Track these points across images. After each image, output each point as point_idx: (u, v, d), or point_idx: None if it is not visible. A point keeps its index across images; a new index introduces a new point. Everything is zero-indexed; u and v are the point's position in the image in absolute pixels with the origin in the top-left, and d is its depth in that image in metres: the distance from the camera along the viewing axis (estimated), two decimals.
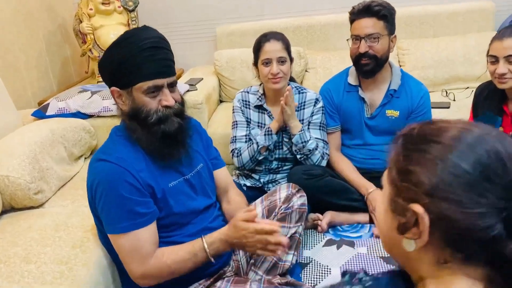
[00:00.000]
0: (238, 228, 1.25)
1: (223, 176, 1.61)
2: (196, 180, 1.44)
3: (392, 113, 2.06)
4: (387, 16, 1.93)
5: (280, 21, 3.05)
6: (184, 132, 1.35)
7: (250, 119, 2.11)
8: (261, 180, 2.13)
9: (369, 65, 1.96)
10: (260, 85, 2.13)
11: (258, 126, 2.10)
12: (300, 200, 1.69)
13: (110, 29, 2.81)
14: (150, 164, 1.31)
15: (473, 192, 0.58)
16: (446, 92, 2.67)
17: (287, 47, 1.99)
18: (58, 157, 1.91)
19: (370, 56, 1.92)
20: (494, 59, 1.77)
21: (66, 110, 2.29)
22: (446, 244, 0.61)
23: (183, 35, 3.29)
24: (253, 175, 2.15)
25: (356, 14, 1.96)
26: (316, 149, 2.01)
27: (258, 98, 2.09)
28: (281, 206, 1.63)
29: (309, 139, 1.99)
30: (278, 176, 2.14)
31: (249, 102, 2.11)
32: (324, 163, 2.05)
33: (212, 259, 1.29)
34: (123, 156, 1.26)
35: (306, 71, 2.90)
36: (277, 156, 2.10)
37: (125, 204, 1.23)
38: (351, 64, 2.18)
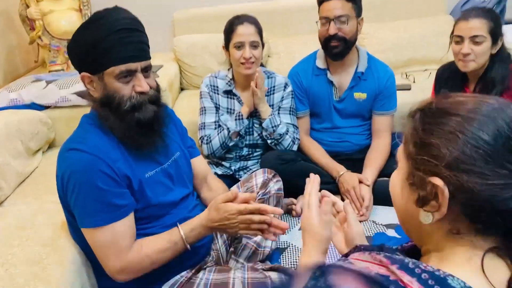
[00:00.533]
0: (219, 210, 1.21)
1: (201, 164, 1.57)
2: (173, 169, 1.38)
3: (360, 95, 2.08)
4: None
5: (242, 6, 3.00)
6: (160, 121, 1.28)
7: (219, 104, 2.05)
8: (232, 168, 2.09)
9: (338, 48, 1.96)
10: (228, 69, 2.08)
11: (228, 111, 2.05)
12: (276, 185, 1.69)
13: (61, 14, 2.64)
14: (125, 154, 1.23)
15: (494, 163, 0.58)
16: (406, 75, 2.74)
17: (260, 32, 1.95)
18: (15, 152, 1.78)
19: (339, 38, 1.92)
20: (459, 39, 1.82)
21: (19, 101, 2.13)
22: (464, 216, 0.61)
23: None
24: (224, 163, 2.11)
25: None
26: (287, 133, 2.00)
27: (227, 83, 2.04)
28: (258, 192, 1.61)
29: (279, 124, 1.98)
30: (249, 163, 2.11)
31: (217, 87, 2.05)
32: (295, 148, 2.05)
33: (189, 247, 1.25)
34: (97, 145, 1.18)
35: (268, 56, 2.87)
36: (247, 142, 2.07)
37: (101, 196, 1.15)
38: (314, 48, 2.19)
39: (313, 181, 1.03)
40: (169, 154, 1.38)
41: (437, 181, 0.61)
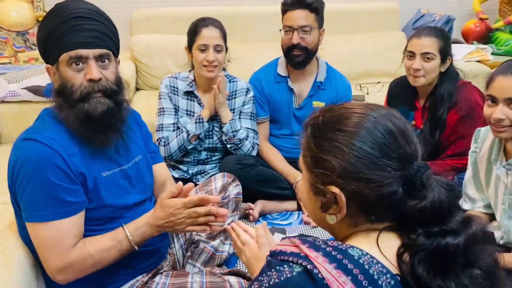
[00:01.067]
0: (164, 207, 1.18)
1: (162, 170, 1.52)
2: (133, 172, 1.33)
3: (318, 104, 2.13)
4: (318, 9, 1.99)
5: (201, 9, 2.97)
6: (116, 117, 1.21)
7: (178, 106, 2.02)
8: (190, 172, 2.07)
9: (300, 57, 2.00)
10: (190, 71, 2.06)
11: (187, 114, 2.02)
12: (236, 189, 1.68)
13: (11, 5, 2.51)
14: (84, 150, 1.18)
15: (376, 169, 0.70)
16: (360, 86, 2.84)
17: (224, 36, 1.96)
18: None
19: (302, 48, 1.96)
20: (411, 55, 1.91)
21: None
22: (360, 212, 0.73)
23: None
24: (181, 166, 2.08)
25: (289, 5, 1.99)
26: (247, 139, 2.01)
27: (188, 84, 2.02)
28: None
29: (240, 129, 1.98)
30: (207, 167, 2.09)
31: (177, 88, 2.03)
32: (254, 153, 2.06)
33: (136, 247, 1.20)
34: (54, 137, 1.13)
35: (228, 61, 2.87)
36: (206, 145, 2.05)
37: (51, 190, 1.10)
38: (274, 55, 2.22)
39: (235, 229, 1.11)
40: (130, 156, 1.33)
41: (334, 189, 0.71)
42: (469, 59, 2.75)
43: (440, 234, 0.67)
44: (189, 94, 2.02)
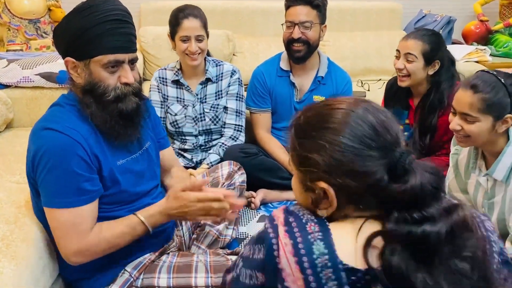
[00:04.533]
0: (178, 199, 1.22)
1: (168, 155, 1.59)
2: (144, 159, 1.40)
3: (319, 98, 2.20)
4: (320, 5, 2.05)
5: (208, 2, 3.04)
6: (141, 113, 1.30)
7: (167, 95, 2.10)
8: (194, 160, 2.15)
9: (301, 52, 2.06)
10: (177, 61, 2.13)
11: (177, 101, 2.11)
12: (241, 177, 1.76)
13: None
14: (100, 140, 1.24)
15: (359, 160, 0.72)
16: (362, 83, 2.90)
17: (205, 25, 1.99)
18: None
19: (303, 41, 2.02)
20: (397, 54, 1.98)
21: None
22: (349, 203, 0.75)
23: None
24: (185, 154, 2.16)
25: (292, 1, 2.05)
26: (220, 146, 2.10)
27: (175, 73, 2.09)
28: (224, 183, 1.67)
29: (212, 160, 2.06)
30: (211, 152, 2.16)
31: (166, 78, 2.11)
32: (241, 139, 2.17)
33: (151, 230, 1.27)
34: (74, 127, 1.18)
35: (234, 54, 2.94)
36: (201, 128, 2.13)
37: (73, 179, 1.15)
38: (277, 50, 2.28)
39: None
40: (141, 143, 1.39)
41: (323, 184, 0.74)
42: (468, 59, 2.81)
43: (417, 221, 0.67)
44: (177, 82, 2.10)
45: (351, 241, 0.72)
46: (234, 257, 1.40)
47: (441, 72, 1.96)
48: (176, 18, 1.96)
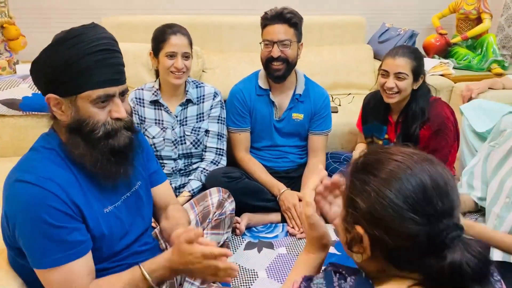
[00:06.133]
0: (183, 253, 1.07)
1: (163, 192, 1.44)
2: (132, 201, 1.27)
3: (297, 116, 2.18)
4: (297, 23, 2.04)
5: (173, 17, 2.88)
6: (134, 148, 1.17)
7: (145, 117, 2.00)
8: (173, 185, 2.04)
9: (281, 70, 2.03)
10: (155, 80, 2.04)
11: (156, 123, 2.01)
12: (231, 205, 1.69)
13: None
14: (83, 185, 1.11)
15: (399, 220, 0.70)
16: (332, 97, 2.91)
17: (191, 43, 1.95)
18: None
19: (283, 60, 2.00)
20: (385, 73, 2.00)
21: None
22: (384, 259, 0.75)
23: (61, 23, 2.92)
24: None
25: (269, 20, 2.02)
26: (202, 172, 2.03)
27: (153, 93, 1.99)
28: (215, 212, 1.60)
29: (195, 187, 1.98)
30: (191, 178, 2.07)
31: (143, 99, 2.01)
32: (223, 162, 2.10)
33: (155, 287, 1.13)
34: (50, 175, 1.04)
35: (203, 71, 2.86)
36: (180, 152, 2.04)
37: (54, 234, 1.02)
38: (248, 66, 2.24)
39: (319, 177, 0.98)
40: (131, 184, 1.27)
41: (359, 229, 0.75)
42: (433, 73, 2.90)
43: None
44: (155, 103, 2.00)
45: None
46: None
47: (423, 86, 2.02)
48: (163, 34, 1.88)
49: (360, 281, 0.76)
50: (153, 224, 1.53)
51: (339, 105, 2.83)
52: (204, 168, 2.02)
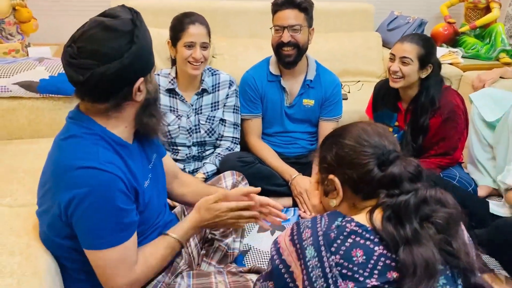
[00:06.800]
0: (210, 210, 1.27)
1: (170, 162, 1.52)
2: (154, 173, 1.32)
3: (308, 102, 2.20)
4: (307, 9, 2.04)
5: (183, 2, 2.93)
6: None
7: (160, 103, 2.00)
8: (187, 170, 2.07)
9: (291, 56, 2.04)
10: (172, 67, 2.04)
11: (170, 110, 2.03)
12: (245, 188, 1.71)
13: None
14: (129, 165, 1.15)
15: (356, 154, 0.95)
16: (341, 85, 2.92)
17: (209, 32, 1.94)
18: None
19: (293, 45, 2.01)
20: (392, 57, 2.03)
21: None
22: (353, 193, 0.97)
23: (72, 6, 2.95)
24: (178, 164, 2.07)
25: (279, 5, 2.03)
26: (217, 156, 2.09)
27: (170, 82, 2.00)
28: None
29: (209, 170, 2.03)
30: (206, 161, 2.10)
31: (159, 85, 2.00)
32: (237, 149, 2.15)
33: (185, 247, 1.33)
34: (110, 160, 1.07)
35: (213, 56, 2.87)
36: (195, 140, 2.06)
37: (119, 216, 1.07)
38: (255, 53, 2.24)
39: None
40: (149, 156, 1.31)
41: (331, 176, 0.98)
42: (442, 62, 2.90)
43: (397, 195, 0.90)
44: (171, 91, 2.01)
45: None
46: (253, 276, 1.37)
47: (431, 76, 2.03)
48: (182, 23, 1.87)
49: (332, 213, 0.95)
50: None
51: (349, 92, 2.85)
52: (219, 153, 2.05)
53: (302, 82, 2.17)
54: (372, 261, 0.85)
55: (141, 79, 1.09)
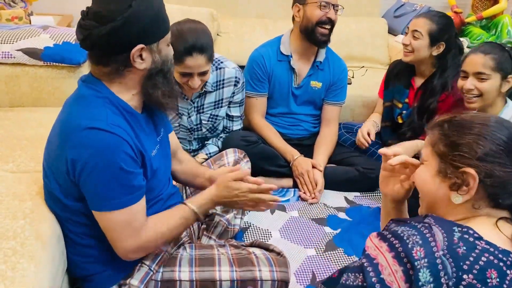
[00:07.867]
0: (230, 188, 1.25)
1: (174, 138, 1.50)
2: (162, 145, 1.32)
3: (316, 84, 2.19)
4: None
5: None
6: None
7: (171, 79, 1.98)
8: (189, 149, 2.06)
9: (327, 35, 2.06)
10: None
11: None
12: (247, 165, 1.72)
13: None
14: (136, 131, 1.15)
15: (509, 155, 0.84)
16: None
17: (210, 56, 1.70)
18: None
19: (333, 24, 2.04)
20: (407, 31, 2.06)
21: None
22: (486, 196, 0.85)
23: None
24: None
25: None
26: (219, 139, 2.08)
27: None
28: None
29: (212, 151, 2.02)
30: (209, 142, 2.09)
31: None
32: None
33: (202, 219, 1.29)
34: (117, 123, 1.07)
35: (218, 34, 2.84)
36: (195, 136, 2.05)
37: (125, 179, 1.07)
38: (262, 33, 2.20)
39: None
40: (158, 130, 1.31)
41: (471, 170, 0.84)
42: None
43: None
44: None
45: (494, 232, 0.82)
46: (255, 250, 1.36)
47: (448, 58, 2.01)
48: (178, 53, 1.57)
49: (440, 221, 0.84)
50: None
51: (353, 77, 2.83)
52: (222, 136, 2.04)
53: (311, 63, 2.16)
54: (505, 286, 0.76)
55: (140, 46, 1.07)
